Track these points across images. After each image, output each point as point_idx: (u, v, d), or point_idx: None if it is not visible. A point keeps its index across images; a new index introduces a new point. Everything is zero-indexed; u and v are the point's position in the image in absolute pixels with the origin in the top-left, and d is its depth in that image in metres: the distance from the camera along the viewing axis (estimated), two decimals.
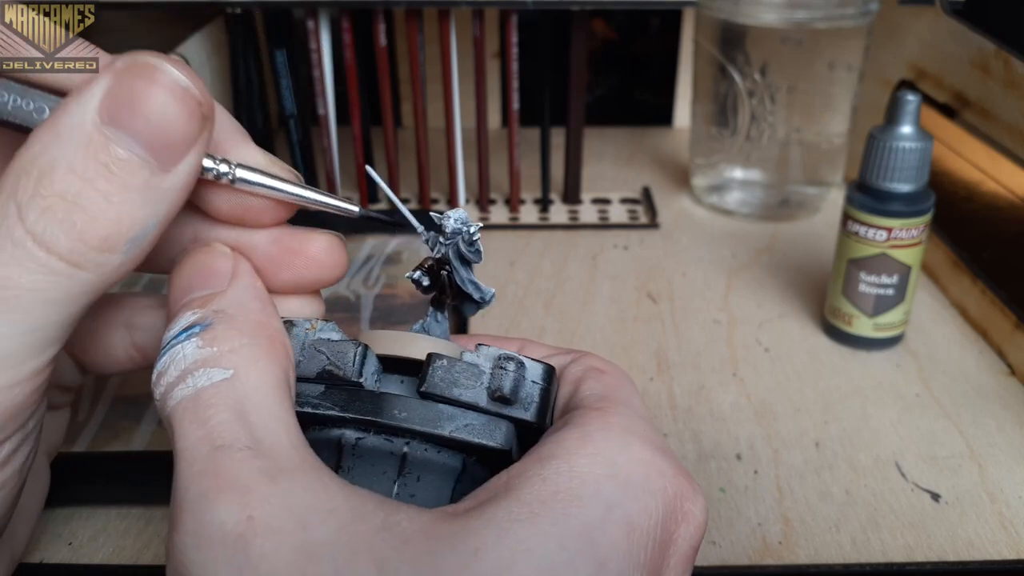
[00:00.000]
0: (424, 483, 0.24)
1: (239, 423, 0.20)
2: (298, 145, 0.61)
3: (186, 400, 0.21)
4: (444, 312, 0.27)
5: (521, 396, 0.24)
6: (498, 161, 0.65)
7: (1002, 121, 0.50)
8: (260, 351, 0.22)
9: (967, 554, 0.35)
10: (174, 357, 0.22)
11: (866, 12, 0.56)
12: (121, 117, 0.20)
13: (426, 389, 0.24)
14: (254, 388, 0.21)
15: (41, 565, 0.34)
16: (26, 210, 0.20)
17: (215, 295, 0.23)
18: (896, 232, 0.44)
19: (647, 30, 0.85)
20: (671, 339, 0.49)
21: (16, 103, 0.21)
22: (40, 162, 0.20)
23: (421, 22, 0.56)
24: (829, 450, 0.40)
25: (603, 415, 0.23)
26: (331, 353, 0.24)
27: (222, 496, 0.19)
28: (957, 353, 0.47)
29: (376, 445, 0.24)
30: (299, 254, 0.25)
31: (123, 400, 0.41)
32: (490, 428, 0.24)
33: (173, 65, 0.21)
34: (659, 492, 0.22)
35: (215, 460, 0.19)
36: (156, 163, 0.20)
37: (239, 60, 0.58)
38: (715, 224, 0.62)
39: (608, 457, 0.22)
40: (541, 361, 0.25)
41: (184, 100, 0.21)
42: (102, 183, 0.20)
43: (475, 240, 0.26)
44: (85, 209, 0.20)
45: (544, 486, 0.21)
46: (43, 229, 0.20)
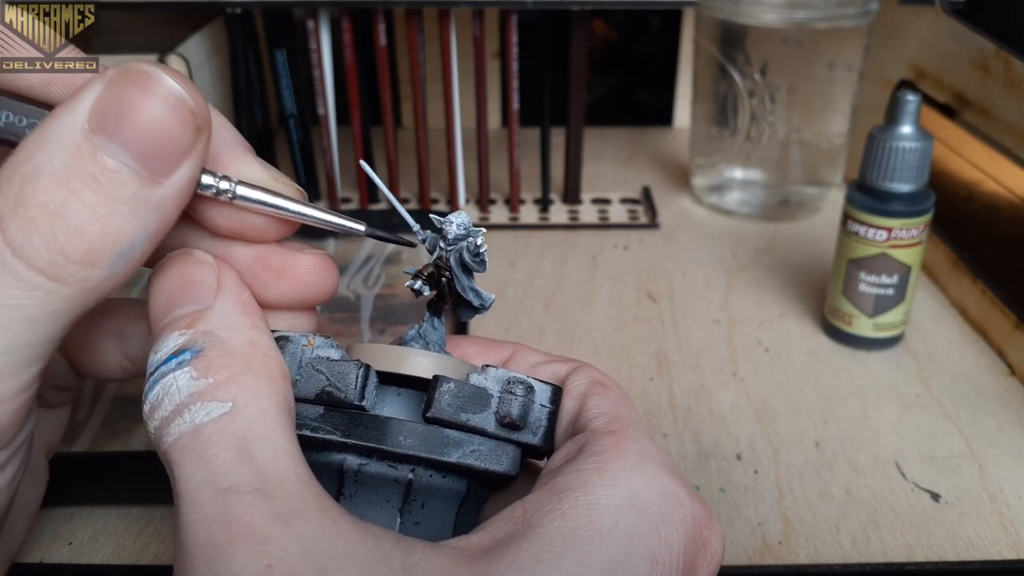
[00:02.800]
0: (429, 509, 0.24)
1: (244, 462, 0.19)
2: (298, 145, 0.62)
3: (185, 437, 0.20)
4: (441, 318, 0.26)
5: (530, 421, 0.24)
6: (498, 161, 0.65)
7: (1002, 121, 0.50)
8: (257, 378, 0.21)
9: (967, 554, 0.35)
10: (167, 389, 0.20)
11: (866, 12, 0.56)
12: (111, 125, 0.19)
13: (432, 415, 0.23)
14: (255, 420, 0.20)
15: (41, 565, 0.33)
16: (7, 221, 0.19)
17: (201, 312, 0.22)
18: (896, 232, 0.44)
19: (647, 30, 0.84)
20: (671, 339, 0.49)
21: (8, 119, 0.21)
22: (23, 170, 0.19)
23: (421, 22, 0.56)
24: (829, 450, 0.40)
25: (617, 439, 0.23)
26: (331, 374, 0.23)
27: (236, 543, 0.18)
28: (957, 353, 0.47)
29: (380, 472, 0.23)
30: (284, 274, 0.24)
31: (123, 400, 0.41)
32: (497, 453, 0.23)
33: (169, 74, 0.20)
34: (679, 522, 0.21)
35: (224, 504, 0.19)
36: (147, 174, 0.20)
37: (239, 60, 0.58)
38: (715, 224, 0.62)
39: (627, 487, 0.21)
40: (548, 383, 0.24)
41: (178, 110, 0.20)
42: (88, 194, 0.19)
43: (481, 251, 0.25)
44: (68, 220, 0.19)
45: (564, 522, 0.20)
46: (23, 241, 0.19)
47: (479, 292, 0.26)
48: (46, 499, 0.30)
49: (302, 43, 0.57)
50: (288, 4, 0.55)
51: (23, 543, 0.30)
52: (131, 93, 0.19)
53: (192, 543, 0.19)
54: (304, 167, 0.63)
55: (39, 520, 0.35)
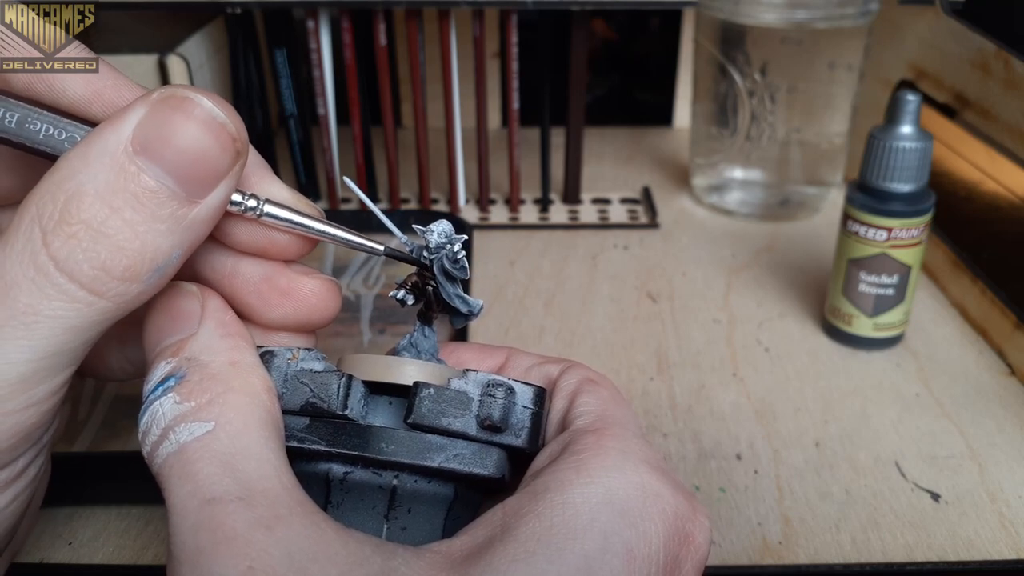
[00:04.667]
0: (416, 514, 0.24)
1: (227, 474, 0.20)
2: (298, 145, 0.62)
3: (171, 457, 0.21)
4: (432, 326, 0.27)
5: (512, 422, 0.24)
6: (498, 161, 0.65)
7: (1002, 121, 0.50)
8: (238, 395, 0.22)
9: (967, 554, 0.35)
10: (154, 415, 0.21)
11: (866, 12, 0.56)
12: (154, 148, 0.20)
13: (413, 420, 0.23)
14: (237, 435, 0.21)
15: (41, 565, 0.34)
16: (51, 236, 0.19)
17: (186, 340, 0.23)
18: (896, 232, 0.44)
19: (647, 30, 0.85)
20: (671, 339, 0.49)
21: (48, 132, 0.21)
22: (67, 187, 0.20)
23: (421, 22, 0.56)
24: (829, 450, 0.40)
25: (598, 438, 0.23)
26: (314, 385, 0.23)
27: (220, 549, 0.19)
28: (957, 353, 0.47)
29: (365, 479, 0.23)
30: (289, 295, 0.25)
31: (123, 400, 0.41)
32: (481, 456, 0.23)
33: (210, 99, 0.21)
34: (658, 516, 0.21)
35: (208, 513, 0.19)
36: (185, 195, 0.20)
37: (239, 60, 0.58)
38: (715, 224, 0.62)
39: (603, 484, 0.21)
40: (531, 384, 0.24)
41: (219, 135, 0.21)
42: (129, 212, 0.20)
43: (459, 257, 0.25)
44: (110, 238, 0.20)
45: (539, 522, 0.20)
46: (66, 256, 0.19)
47: (466, 299, 0.26)
48: (46, 499, 0.30)
49: (302, 43, 0.57)
50: (288, 4, 0.55)
51: (26, 542, 0.30)
52: (175, 118, 0.20)
53: (180, 551, 0.19)
54: (304, 167, 0.63)
55: (39, 520, 0.35)
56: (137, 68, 0.50)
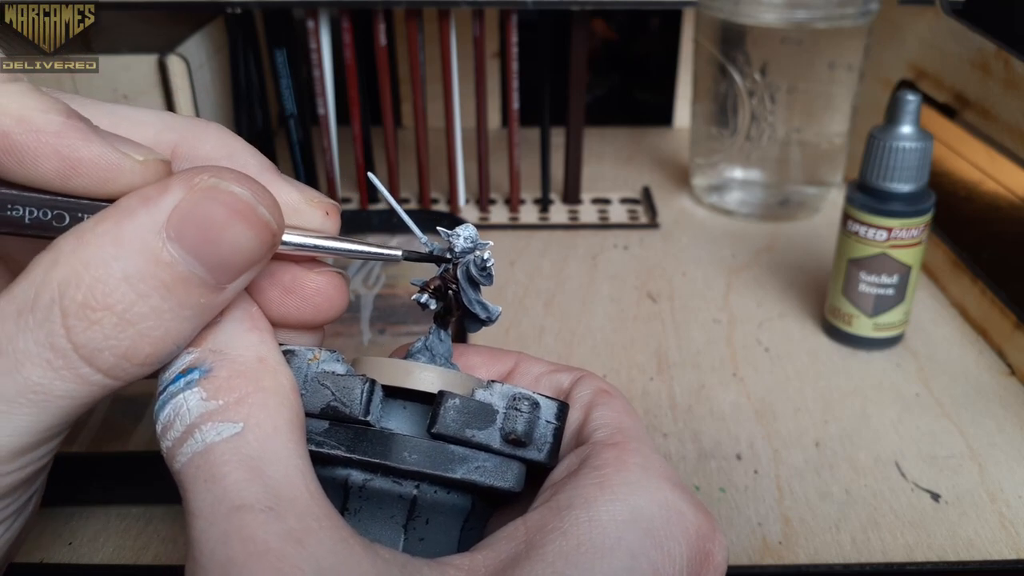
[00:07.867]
0: (433, 525, 0.23)
1: (256, 480, 0.19)
2: (298, 145, 0.61)
3: (197, 457, 0.20)
4: (447, 330, 0.26)
5: (535, 437, 0.24)
6: (498, 161, 0.65)
7: (1002, 121, 0.50)
8: (267, 395, 0.21)
9: (967, 554, 0.35)
10: (177, 410, 0.20)
11: (866, 12, 0.56)
12: (191, 238, 0.19)
13: (437, 430, 0.23)
14: (267, 438, 0.20)
15: (41, 565, 0.34)
16: (73, 320, 0.19)
17: (209, 328, 0.22)
18: (896, 232, 0.44)
19: (647, 30, 0.85)
20: (671, 339, 0.49)
21: (33, 215, 0.20)
22: (95, 272, 0.19)
23: (421, 22, 0.56)
24: (829, 450, 0.40)
25: (619, 452, 0.23)
26: (336, 388, 0.22)
27: (253, 561, 0.18)
28: (957, 353, 0.47)
29: (385, 488, 0.23)
30: (292, 292, 0.24)
31: (123, 400, 0.41)
32: (502, 469, 0.23)
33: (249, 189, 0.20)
34: (681, 535, 0.21)
35: (239, 522, 0.19)
36: (215, 283, 0.20)
37: (239, 60, 0.58)
38: (715, 224, 0.62)
39: (629, 502, 0.21)
40: (555, 399, 0.24)
41: (260, 233, 0.20)
42: (157, 299, 0.19)
43: (488, 265, 0.25)
44: (135, 325, 0.19)
45: (565, 540, 0.20)
46: (87, 342, 0.19)
47: (486, 305, 0.26)
48: (46, 499, 0.30)
49: (302, 43, 0.57)
50: (288, 4, 0.55)
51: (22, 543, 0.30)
52: (217, 212, 0.19)
53: (208, 560, 0.19)
54: (304, 167, 0.63)
55: (39, 520, 0.35)
56: (137, 68, 0.50)
